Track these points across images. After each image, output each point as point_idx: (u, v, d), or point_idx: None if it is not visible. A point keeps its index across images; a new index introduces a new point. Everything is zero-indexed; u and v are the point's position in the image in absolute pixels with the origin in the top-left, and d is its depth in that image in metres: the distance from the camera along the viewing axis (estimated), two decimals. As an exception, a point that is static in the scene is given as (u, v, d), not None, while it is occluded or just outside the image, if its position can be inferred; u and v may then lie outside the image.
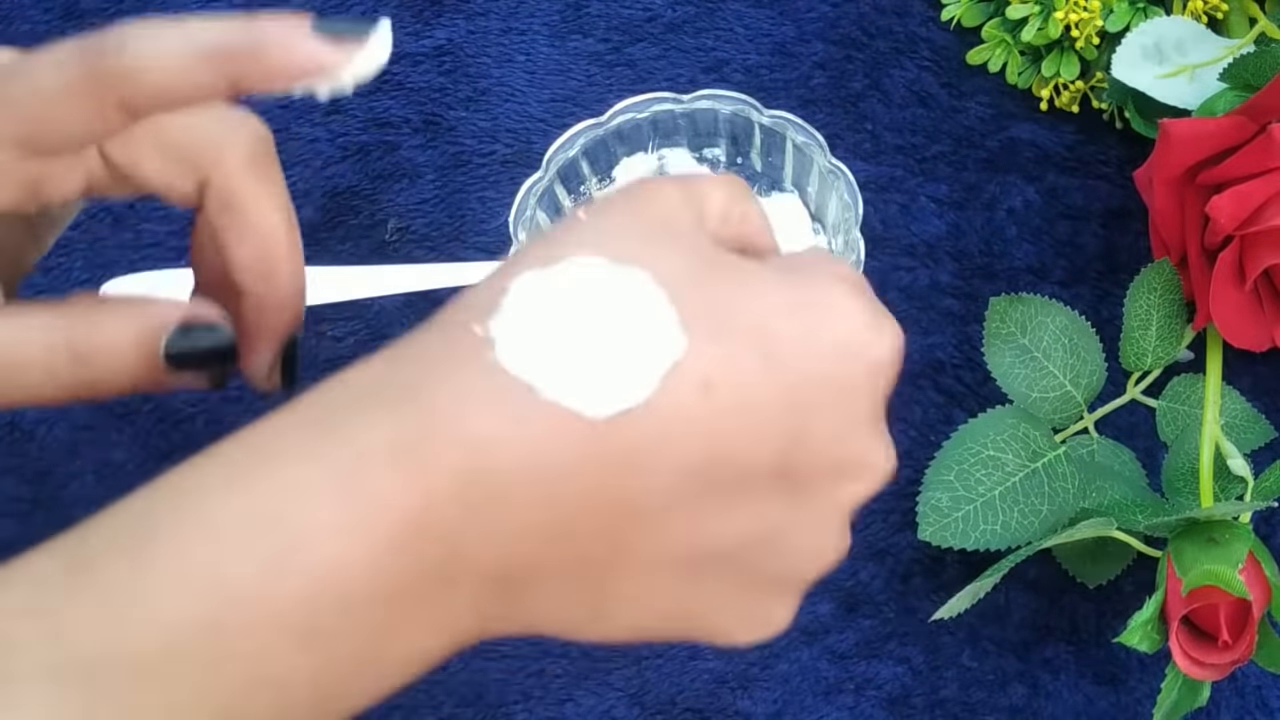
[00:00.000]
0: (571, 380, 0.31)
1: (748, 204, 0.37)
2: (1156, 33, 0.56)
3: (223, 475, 0.31)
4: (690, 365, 0.32)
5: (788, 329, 0.33)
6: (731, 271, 0.34)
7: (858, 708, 0.51)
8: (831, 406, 0.34)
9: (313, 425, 0.31)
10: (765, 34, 0.63)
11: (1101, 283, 0.58)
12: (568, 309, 0.32)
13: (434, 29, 0.64)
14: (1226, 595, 0.45)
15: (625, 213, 0.35)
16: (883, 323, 0.35)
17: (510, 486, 0.31)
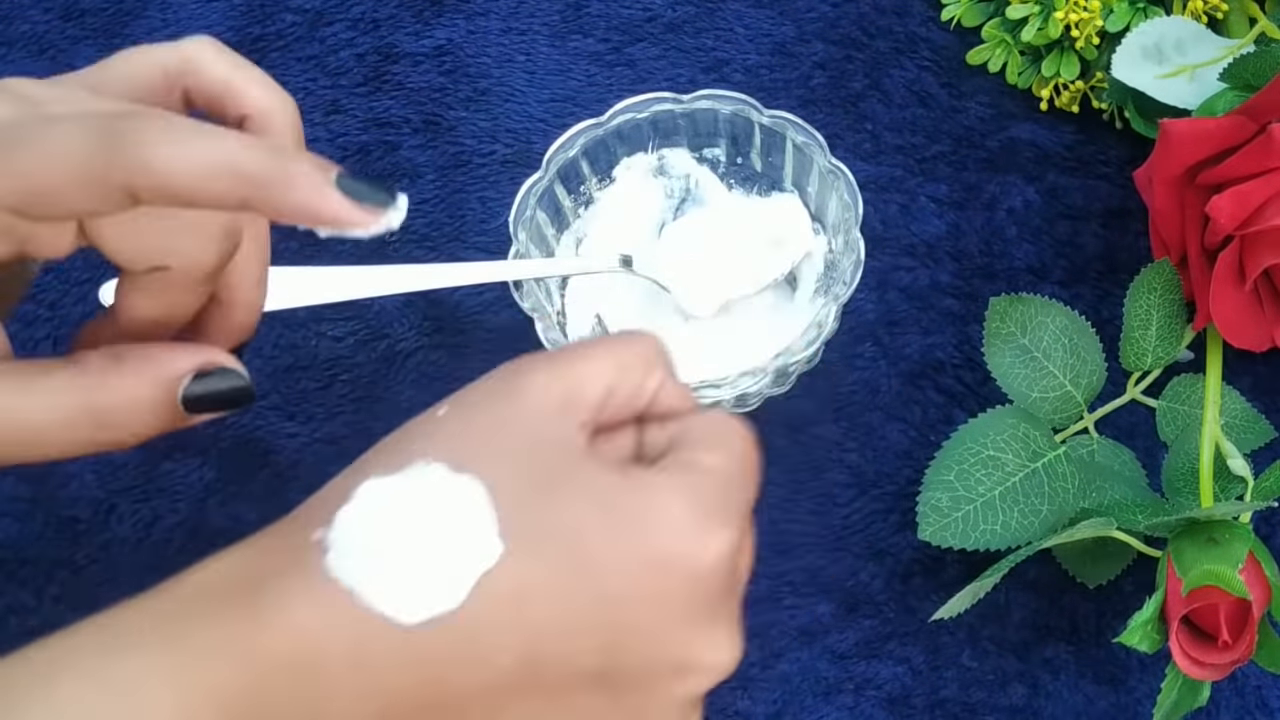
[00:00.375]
0: (387, 587, 0.33)
1: (645, 372, 0.38)
2: (1156, 33, 0.56)
3: (76, 660, 0.33)
4: (502, 574, 0.34)
5: (603, 542, 0.35)
6: (564, 481, 0.35)
7: (858, 708, 0.51)
8: (647, 615, 0.35)
9: (161, 618, 0.34)
10: (765, 34, 0.63)
11: (1101, 283, 0.58)
12: (395, 519, 0.34)
13: (434, 29, 0.64)
14: (1226, 595, 0.45)
15: (481, 409, 0.36)
16: (708, 533, 0.35)
17: (332, 683, 0.33)
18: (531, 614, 0.34)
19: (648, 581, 0.35)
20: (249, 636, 0.33)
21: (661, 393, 0.38)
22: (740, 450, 0.38)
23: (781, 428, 0.56)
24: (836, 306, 0.52)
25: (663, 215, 0.57)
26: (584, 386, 0.37)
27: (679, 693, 0.36)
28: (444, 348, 0.57)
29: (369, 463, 0.36)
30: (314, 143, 0.61)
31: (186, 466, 0.55)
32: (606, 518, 0.35)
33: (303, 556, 0.34)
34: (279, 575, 0.34)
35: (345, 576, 0.34)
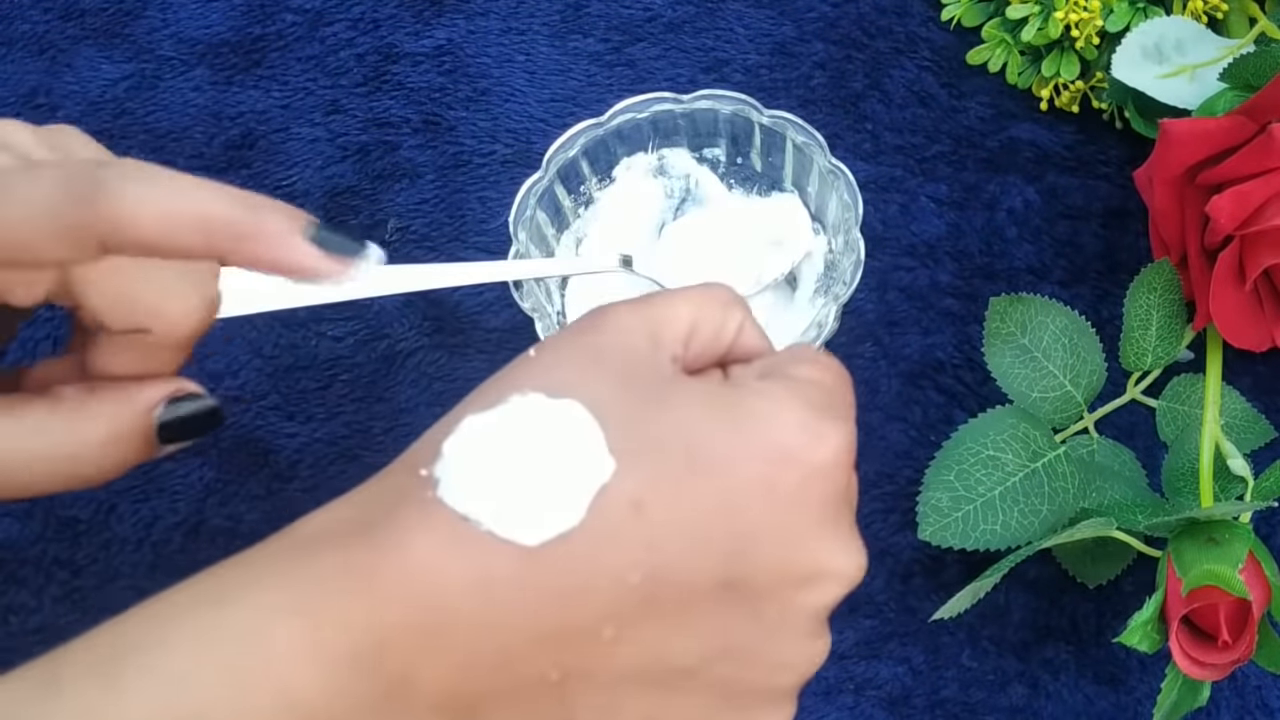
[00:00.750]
0: (504, 511, 0.33)
1: (724, 314, 0.38)
2: (1156, 33, 0.56)
3: (190, 602, 0.33)
4: (618, 486, 0.33)
5: (716, 442, 0.34)
6: (666, 394, 0.35)
7: (858, 708, 0.51)
8: (769, 515, 0.34)
9: (276, 558, 0.34)
10: (765, 34, 0.63)
11: (1101, 283, 0.58)
12: (502, 445, 0.34)
13: (434, 29, 0.64)
14: (1226, 595, 0.45)
15: (570, 344, 0.36)
16: (823, 428, 0.35)
17: (455, 611, 0.33)
18: (652, 523, 0.34)
19: (767, 479, 0.34)
20: (370, 569, 0.33)
21: (742, 335, 0.38)
22: (835, 366, 0.38)
23: (781, 428, 0.56)
24: (836, 306, 0.52)
25: (663, 215, 0.57)
26: (668, 324, 0.37)
27: (810, 602, 0.35)
28: (444, 348, 0.57)
29: (466, 404, 0.36)
30: (314, 143, 0.61)
31: (186, 466, 0.55)
32: (718, 419, 0.35)
33: (413, 492, 0.34)
34: (391, 512, 0.34)
35: (459, 504, 0.33)
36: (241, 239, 0.36)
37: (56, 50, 0.64)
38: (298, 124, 0.62)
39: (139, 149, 0.61)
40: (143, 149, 0.61)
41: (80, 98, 0.62)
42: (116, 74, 0.63)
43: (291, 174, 0.61)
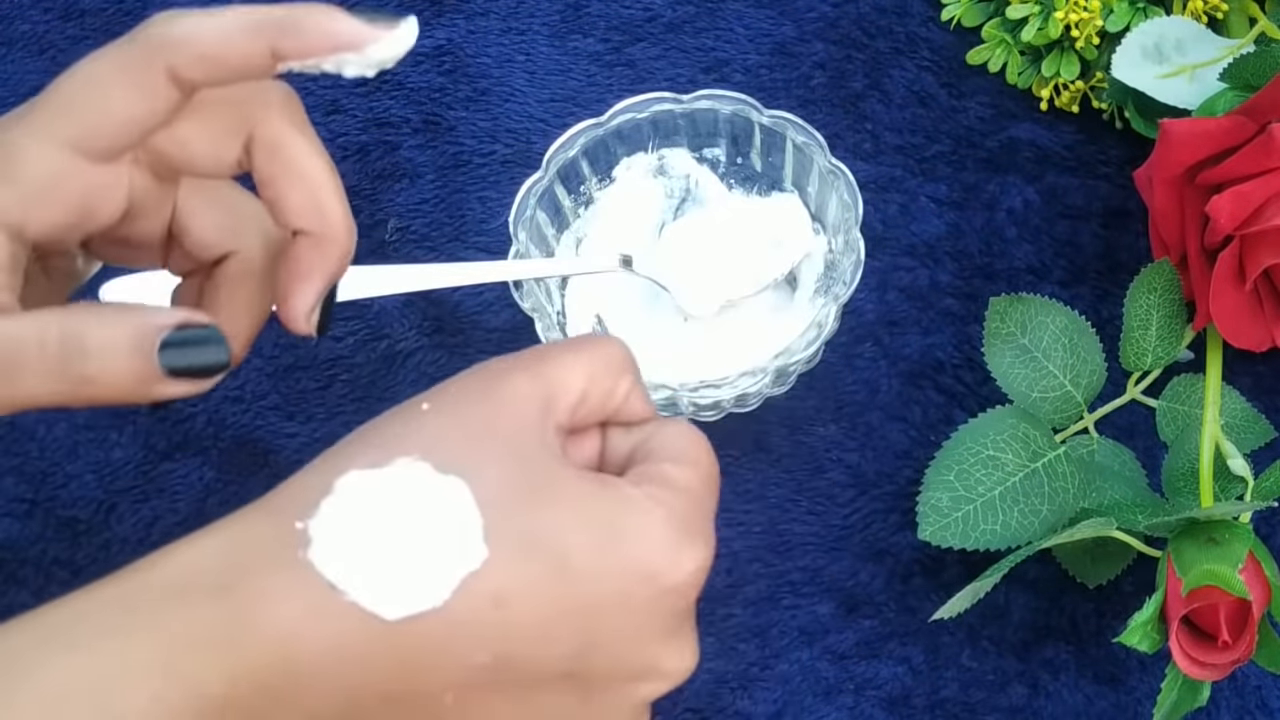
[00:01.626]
0: (371, 583, 0.34)
1: (615, 380, 0.39)
2: (1156, 33, 0.56)
3: (48, 640, 0.33)
4: (485, 578, 0.35)
5: (585, 553, 0.36)
6: (548, 488, 0.36)
7: (858, 708, 0.51)
8: (621, 624, 0.36)
9: (137, 603, 0.34)
10: (765, 34, 0.63)
11: (1101, 283, 0.58)
12: (380, 514, 0.35)
13: (434, 29, 0.64)
14: (1226, 595, 0.45)
15: (465, 409, 0.37)
16: (682, 554, 0.37)
17: (310, 675, 0.34)
18: (511, 617, 0.35)
19: (625, 593, 0.36)
20: (231, 630, 0.34)
21: (628, 400, 0.40)
22: (706, 465, 0.39)
23: (781, 428, 0.56)
24: (836, 306, 0.52)
25: (663, 215, 0.57)
26: (561, 392, 0.38)
27: (640, 695, 0.38)
28: (444, 348, 0.57)
29: (348, 453, 0.36)
30: (314, 143, 0.61)
31: (186, 466, 0.55)
32: (590, 529, 0.36)
33: (284, 549, 0.35)
34: (261, 568, 0.34)
35: (329, 571, 0.34)
36: (288, 28, 0.37)
37: (56, 50, 0.64)
38: (298, 124, 0.62)
39: (139, 149, 0.61)
40: (143, 149, 0.61)
41: (80, 98, 0.62)
42: (116, 74, 0.63)
43: (291, 174, 0.61)
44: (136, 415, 0.56)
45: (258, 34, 0.37)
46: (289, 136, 0.40)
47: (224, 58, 0.37)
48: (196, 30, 0.37)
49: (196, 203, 0.42)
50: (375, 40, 0.38)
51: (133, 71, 0.37)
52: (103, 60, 0.37)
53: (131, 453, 0.56)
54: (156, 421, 0.56)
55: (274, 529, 0.35)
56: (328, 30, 0.37)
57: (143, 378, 0.38)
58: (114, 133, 0.38)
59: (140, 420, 0.56)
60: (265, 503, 0.36)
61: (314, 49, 0.37)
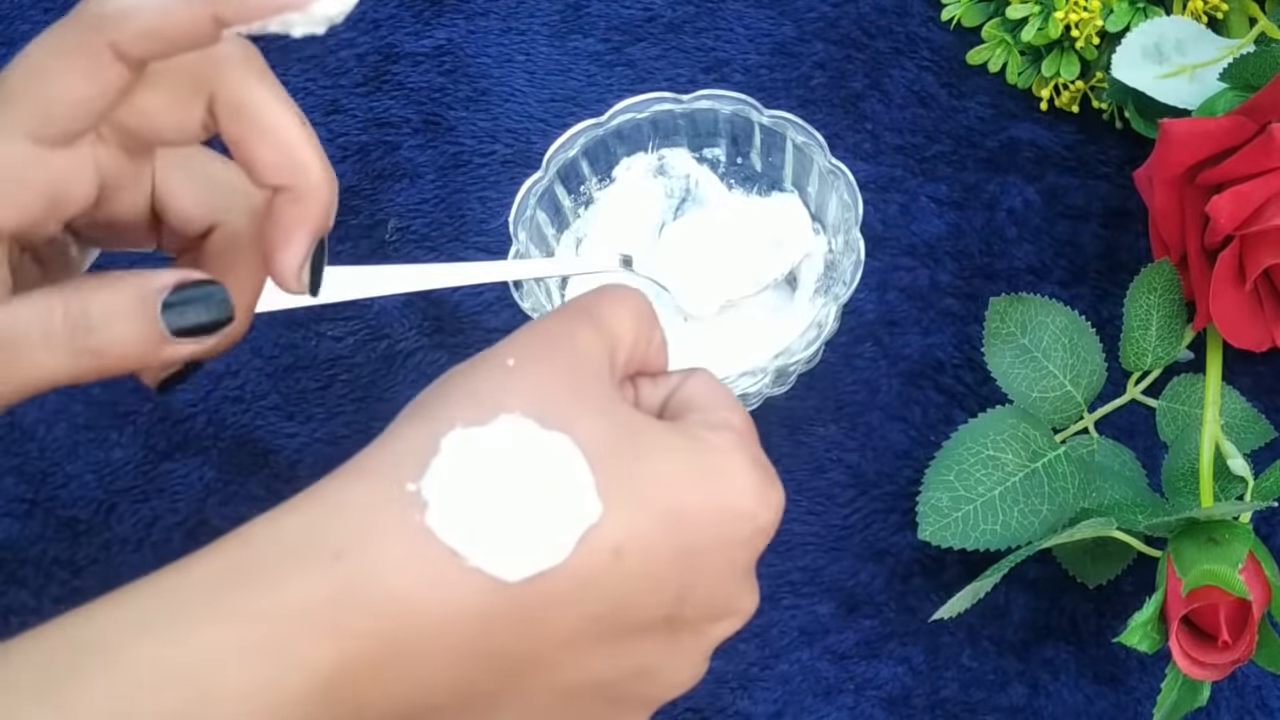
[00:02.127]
0: (493, 546, 0.33)
1: (651, 329, 0.40)
2: (1156, 33, 0.56)
3: (140, 623, 0.32)
4: (603, 532, 0.35)
5: (691, 501, 0.36)
6: (644, 439, 0.36)
7: (858, 708, 0.51)
8: (717, 565, 0.37)
9: (234, 578, 0.33)
10: (765, 34, 0.63)
11: (1101, 283, 0.58)
12: (494, 473, 0.34)
13: (434, 29, 0.64)
14: (1226, 595, 0.45)
15: (552, 364, 0.37)
16: (770, 492, 0.38)
17: (425, 648, 0.33)
18: (628, 567, 0.35)
19: (723, 534, 0.37)
20: (344, 603, 0.32)
21: (657, 350, 0.40)
22: (744, 410, 0.40)
23: (781, 428, 0.56)
24: (836, 306, 0.52)
25: (663, 215, 0.57)
26: (619, 344, 0.38)
27: (716, 634, 0.38)
28: (444, 348, 0.57)
29: (443, 411, 0.35)
30: (314, 143, 0.61)
31: (186, 466, 0.55)
32: (691, 475, 0.36)
33: (396, 513, 0.33)
34: (373, 534, 0.33)
35: (450, 537, 0.33)
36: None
37: (56, 50, 0.64)
38: (298, 124, 0.62)
39: (139, 149, 0.61)
40: (143, 149, 0.61)
41: (80, 98, 0.62)
42: (116, 74, 0.63)
43: (291, 174, 0.61)
44: (137, 415, 0.56)
45: (197, 4, 0.36)
46: (251, 93, 0.39)
47: (166, 31, 0.36)
48: (135, 5, 0.36)
49: (174, 177, 0.41)
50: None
51: (75, 54, 0.36)
52: (44, 46, 0.36)
53: (131, 453, 0.56)
54: (156, 421, 0.56)
55: (380, 492, 0.34)
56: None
57: (149, 342, 0.38)
58: (67, 117, 0.37)
59: (140, 420, 0.56)
60: (359, 466, 0.35)
61: (256, 11, 0.36)
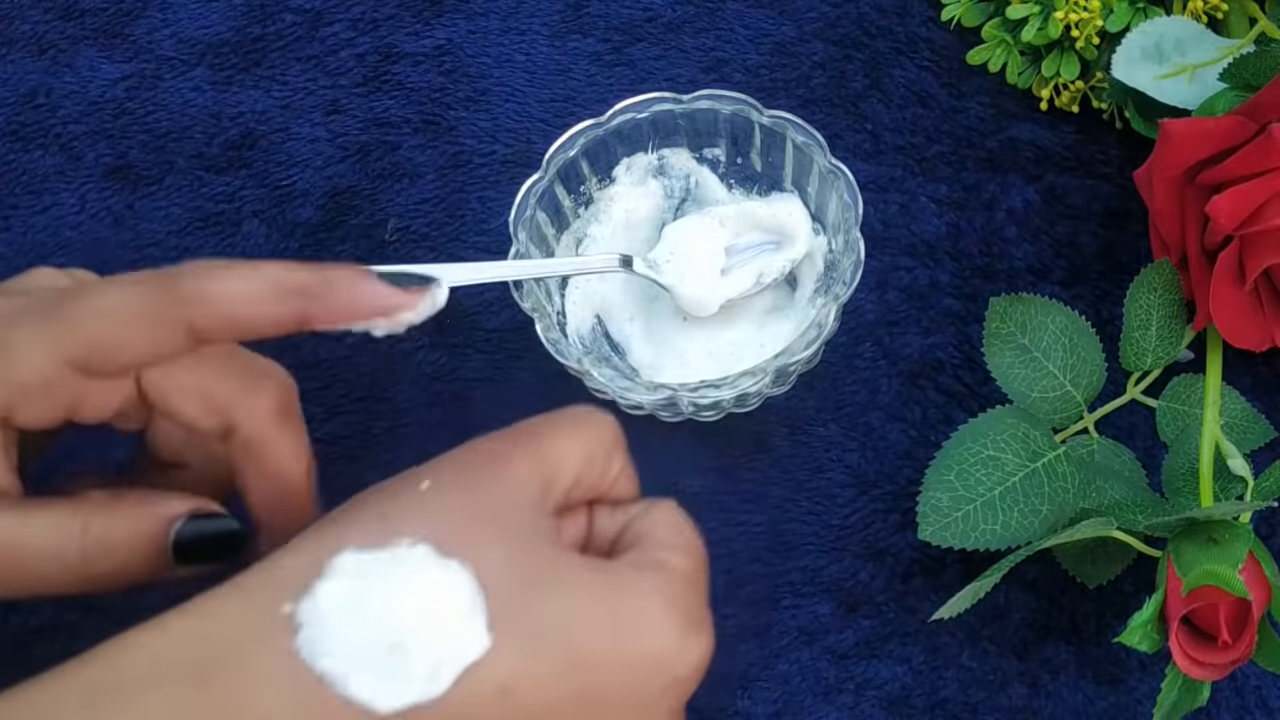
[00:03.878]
0: (365, 675, 0.32)
1: (607, 460, 0.39)
2: (1156, 33, 0.56)
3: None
4: (490, 668, 0.33)
5: (594, 646, 0.35)
6: (553, 576, 0.35)
7: (858, 708, 0.51)
8: (624, 714, 0.35)
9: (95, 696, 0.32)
10: (765, 34, 0.63)
11: (1101, 283, 0.58)
12: (376, 601, 0.33)
13: (434, 29, 0.64)
14: (1226, 595, 0.45)
15: (467, 490, 0.36)
16: (689, 640, 0.36)
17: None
18: (515, 707, 0.34)
19: (634, 683, 0.35)
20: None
21: (618, 479, 0.39)
22: (698, 548, 0.39)
23: (781, 428, 0.56)
24: (836, 306, 0.52)
25: (663, 215, 0.57)
26: (558, 474, 0.37)
27: None
28: (444, 348, 0.57)
29: (339, 530, 0.35)
30: (314, 143, 0.61)
31: (186, 466, 0.55)
32: (598, 617, 0.35)
33: (268, 635, 0.33)
34: (241, 657, 0.32)
35: (320, 663, 0.32)
36: (321, 299, 0.37)
37: (56, 50, 0.64)
38: (298, 124, 0.62)
39: (139, 149, 0.61)
40: (143, 149, 0.61)
41: (80, 98, 0.62)
42: (116, 74, 0.63)
43: (291, 174, 0.61)
44: (136, 415, 0.56)
45: (289, 303, 0.37)
46: (271, 438, 0.39)
47: (252, 323, 0.37)
48: (229, 294, 0.37)
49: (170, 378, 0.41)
50: (407, 308, 0.38)
51: (149, 322, 0.37)
52: (127, 296, 0.37)
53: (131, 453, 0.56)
54: (156, 421, 0.56)
55: (255, 612, 0.33)
56: (361, 301, 0.37)
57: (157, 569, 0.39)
58: (120, 363, 0.38)
59: (140, 420, 0.56)
60: (242, 582, 0.34)
61: (343, 318, 0.37)
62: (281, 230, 0.59)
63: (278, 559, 0.34)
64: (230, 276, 0.37)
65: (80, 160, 0.61)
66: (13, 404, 0.38)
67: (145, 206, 0.60)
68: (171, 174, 0.61)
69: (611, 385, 0.51)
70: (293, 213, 0.60)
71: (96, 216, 0.60)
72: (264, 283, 0.37)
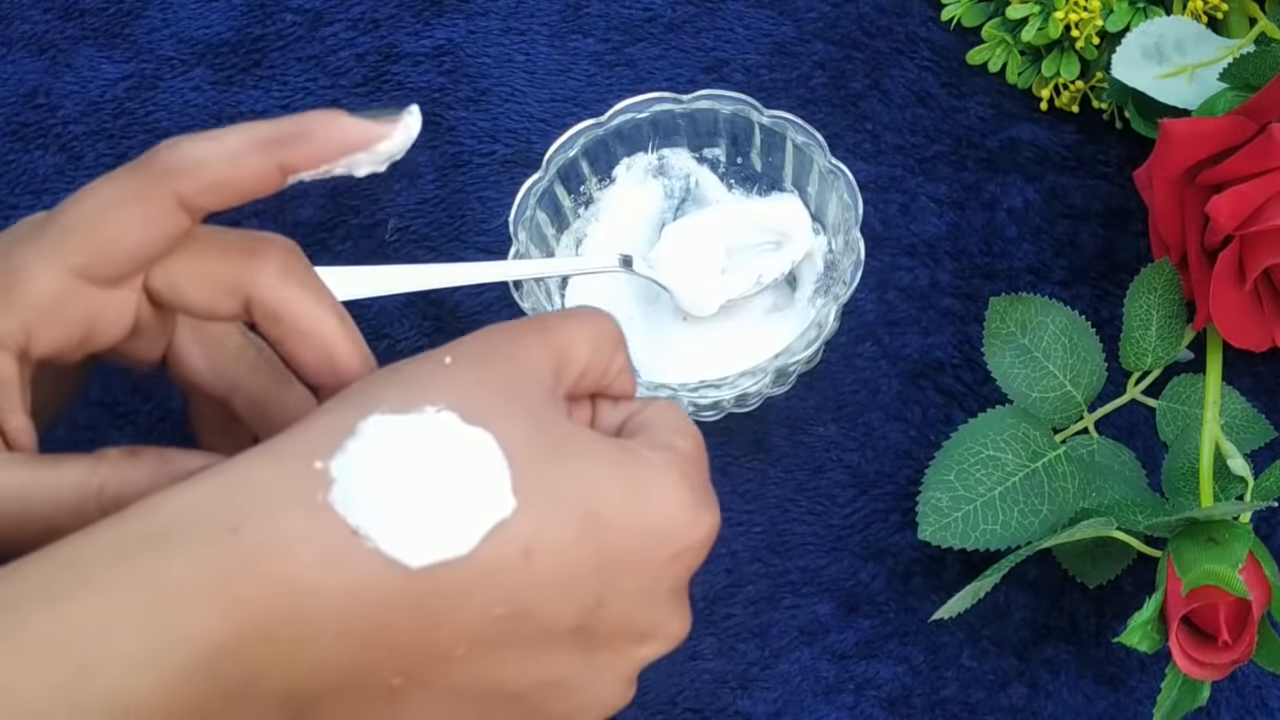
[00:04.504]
0: (397, 529, 0.33)
1: (612, 354, 0.40)
2: (1156, 33, 0.56)
3: (34, 593, 0.32)
4: (515, 529, 0.34)
5: (612, 510, 0.36)
6: (571, 445, 0.36)
7: (858, 708, 0.51)
8: (637, 581, 0.37)
9: (128, 548, 0.32)
10: (765, 34, 0.63)
11: (1101, 283, 0.58)
12: (408, 460, 0.34)
13: (434, 29, 0.64)
14: (1226, 595, 0.45)
15: (487, 366, 0.37)
16: (701, 513, 0.37)
17: (319, 627, 0.33)
18: (536, 568, 0.35)
19: (646, 550, 0.36)
20: (238, 576, 0.32)
21: (620, 375, 0.40)
22: (699, 438, 0.40)
23: (781, 428, 0.56)
24: (836, 306, 0.52)
25: (663, 215, 0.57)
26: (569, 361, 0.38)
27: (638, 657, 0.38)
28: (444, 348, 0.57)
29: (369, 397, 0.35)
30: (314, 143, 0.61)
31: (186, 466, 0.55)
32: (617, 485, 0.36)
33: (300, 489, 0.33)
34: (273, 509, 0.33)
35: (353, 515, 0.33)
36: (297, 142, 0.37)
37: (56, 50, 0.64)
38: (298, 124, 0.62)
39: (139, 149, 0.61)
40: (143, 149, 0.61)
41: (80, 98, 0.62)
42: (116, 74, 0.63)
43: (291, 174, 0.61)
44: (137, 415, 0.56)
45: (267, 152, 0.37)
46: (289, 299, 0.39)
47: (235, 181, 0.37)
48: (206, 156, 0.37)
49: (191, 339, 0.42)
50: (384, 137, 0.37)
51: (139, 201, 0.37)
52: (112, 187, 0.37)
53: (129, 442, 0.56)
54: (156, 421, 0.56)
55: (286, 470, 0.34)
56: (336, 137, 0.37)
57: None
58: (121, 261, 0.38)
59: (140, 420, 0.56)
60: (271, 445, 0.35)
61: (324, 157, 0.37)
62: (282, 229, 0.59)
63: (309, 422, 0.35)
64: (204, 140, 0.37)
65: (80, 160, 0.61)
66: (30, 329, 0.38)
67: (145, 206, 0.60)
68: (171, 174, 0.61)
69: (611, 385, 0.51)
70: (293, 212, 0.60)
71: (96, 216, 0.60)
72: (240, 138, 0.37)
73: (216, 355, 0.42)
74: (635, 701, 0.51)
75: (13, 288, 0.37)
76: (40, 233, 0.38)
